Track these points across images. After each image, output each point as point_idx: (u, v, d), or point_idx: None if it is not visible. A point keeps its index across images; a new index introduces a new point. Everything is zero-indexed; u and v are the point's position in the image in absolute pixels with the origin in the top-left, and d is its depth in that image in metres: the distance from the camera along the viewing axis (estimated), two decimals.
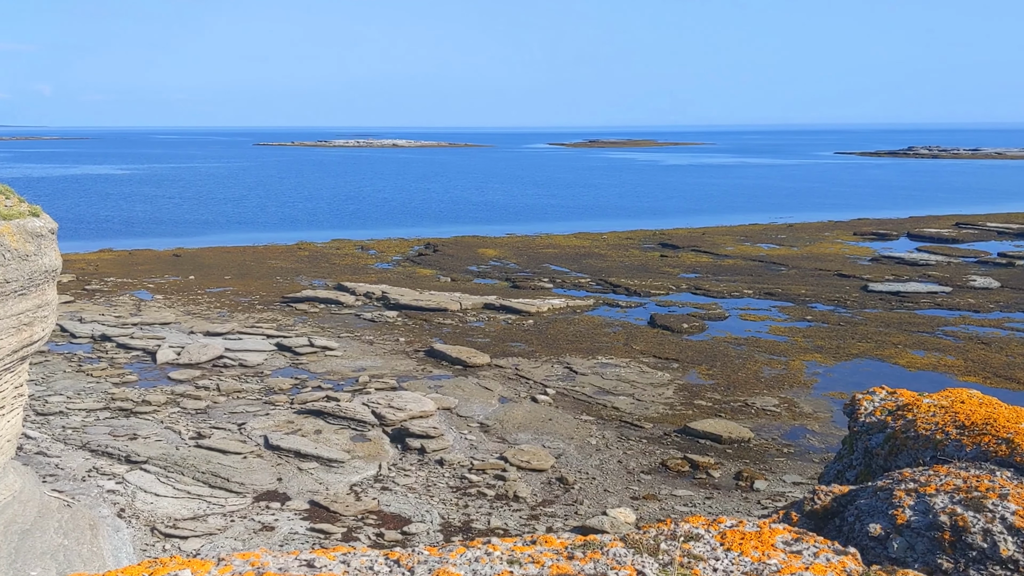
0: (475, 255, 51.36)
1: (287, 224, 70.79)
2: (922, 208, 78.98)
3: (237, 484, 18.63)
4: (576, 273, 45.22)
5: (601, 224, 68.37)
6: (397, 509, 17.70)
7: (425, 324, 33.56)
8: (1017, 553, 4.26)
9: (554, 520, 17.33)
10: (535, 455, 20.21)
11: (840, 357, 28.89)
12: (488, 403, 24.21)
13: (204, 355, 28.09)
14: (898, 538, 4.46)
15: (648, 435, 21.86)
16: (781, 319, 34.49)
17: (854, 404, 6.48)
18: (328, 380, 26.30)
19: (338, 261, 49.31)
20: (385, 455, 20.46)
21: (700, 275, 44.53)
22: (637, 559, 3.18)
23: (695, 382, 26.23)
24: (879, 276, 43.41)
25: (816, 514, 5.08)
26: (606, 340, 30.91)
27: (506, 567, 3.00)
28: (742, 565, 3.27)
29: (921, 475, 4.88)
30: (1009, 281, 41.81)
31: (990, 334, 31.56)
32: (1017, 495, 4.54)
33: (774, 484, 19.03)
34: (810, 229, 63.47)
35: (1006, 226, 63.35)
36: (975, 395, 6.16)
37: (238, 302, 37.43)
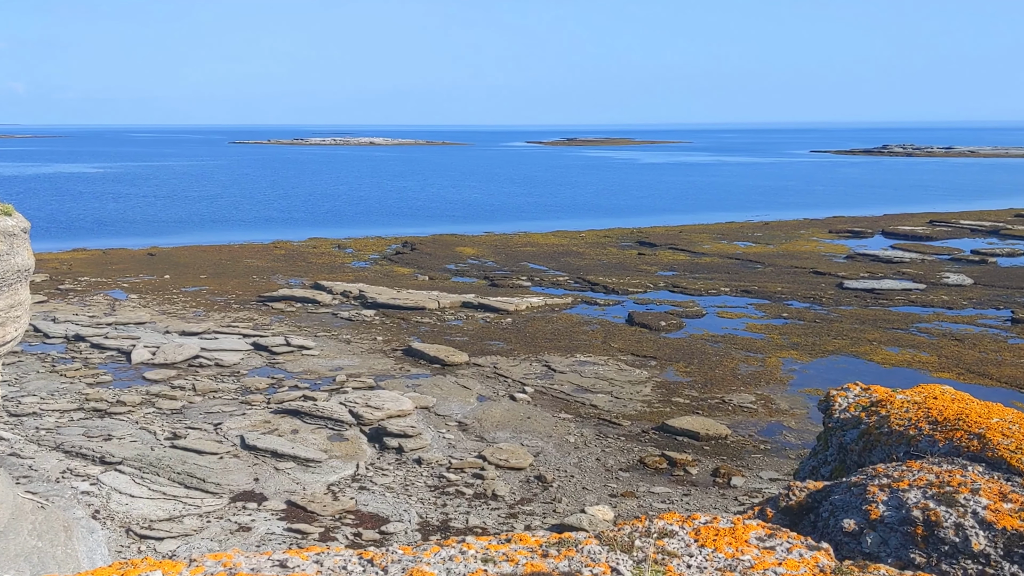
0: (453, 253, 51.29)
1: (263, 223, 70.37)
2: (896, 206, 79.70)
3: (213, 484, 18.50)
4: (554, 271, 45.27)
5: (579, 222, 68.48)
6: (375, 509, 17.64)
7: (403, 323, 33.47)
8: (988, 547, 4.31)
9: (532, 518, 17.33)
10: (513, 453, 20.21)
11: (816, 354, 29.09)
12: (466, 402, 24.19)
13: (179, 355, 27.87)
14: (872, 533, 4.49)
15: (626, 433, 21.92)
16: (758, 316, 34.69)
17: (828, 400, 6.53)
18: (305, 379, 26.17)
19: (315, 260, 49.08)
20: (363, 454, 20.39)
21: (677, 273, 44.70)
22: (611, 556, 3.18)
23: (673, 379, 26.33)
24: (854, 273, 43.75)
25: (791, 510, 5.11)
26: (584, 338, 30.96)
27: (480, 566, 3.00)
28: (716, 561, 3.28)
29: (894, 470, 4.92)
30: (982, 278, 42.27)
31: (963, 331, 31.89)
32: (988, 490, 4.59)
33: (751, 480, 19.13)
34: (786, 227, 63.88)
35: (979, 223, 64.04)
36: (947, 391, 6.22)
37: (214, 301, 37.17)
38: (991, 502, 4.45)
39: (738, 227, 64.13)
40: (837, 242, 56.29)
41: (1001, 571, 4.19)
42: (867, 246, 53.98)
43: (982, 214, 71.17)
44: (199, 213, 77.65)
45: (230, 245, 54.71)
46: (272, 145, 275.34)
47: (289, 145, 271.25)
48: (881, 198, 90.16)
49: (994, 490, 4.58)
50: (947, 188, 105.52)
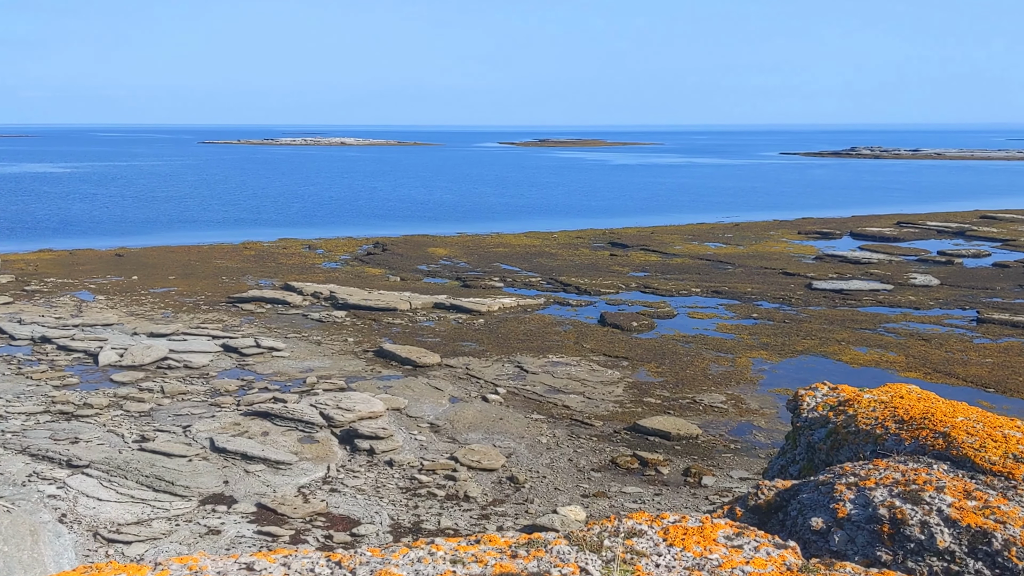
0: (425, 254, 51.18)
1: (233, 223, 69.82)
2: (864, 207, 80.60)
3: (182, 487, 18.32)
4: (527, 272, 45.31)
5: (551, 223, 68.60)
6: (346, 511, 17.56)
7: (374, 324, 33.35)
8: (953, 544, 4.36)
9: (505, 519, 17.33)
10: (486, 454, 20.19)
11: (785, 354, 29.34)
12: (438, 403, 24.14)
13: (148, 357, 27.58)
14: (839, 531, 4.54)
15: (598, 433, 21.98)
16: (728, 317, 34.93)
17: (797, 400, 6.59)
18: (275, 381, 26.00)
19: (285, 260, 48.77)
20: (334, 456, 20.28)
21: (649, 274, 44.91)
22: (580, 556, 3.19)
23: (644, 380, 26.44)
24: (823, 274, 44.18)
25: (760, 509, 5.14)
26: (557, 339, 31.01)
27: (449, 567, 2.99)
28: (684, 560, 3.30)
29: (861, 469, 4.97)
30: (948, 279, 42.84)
31: (930, 330, 32.31)
32: (953, 487, 4.64)
33: (721, 480, 19.25)
34: (756, 228, 64.38)
35: (945, 225, 64.91)
36: (914, 390, 6.30)
37: (183, 302, 36.83)
38: (956, 500, 4.51)
39: (709, 228, 64.55)
40: (806, 243, 56.82)
41: (966, 568, 4.25)
42: (835, 247, 54.54)
43: (948, 215, 72.15)
44: (167, 213, 76.91)
45: (199, 246, 54.23)
46: (242, 145, 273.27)
47: (259, 145, 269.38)
48: (849, 200, 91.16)
49: (959, 488, 4.64)
50: (914, 190, 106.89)
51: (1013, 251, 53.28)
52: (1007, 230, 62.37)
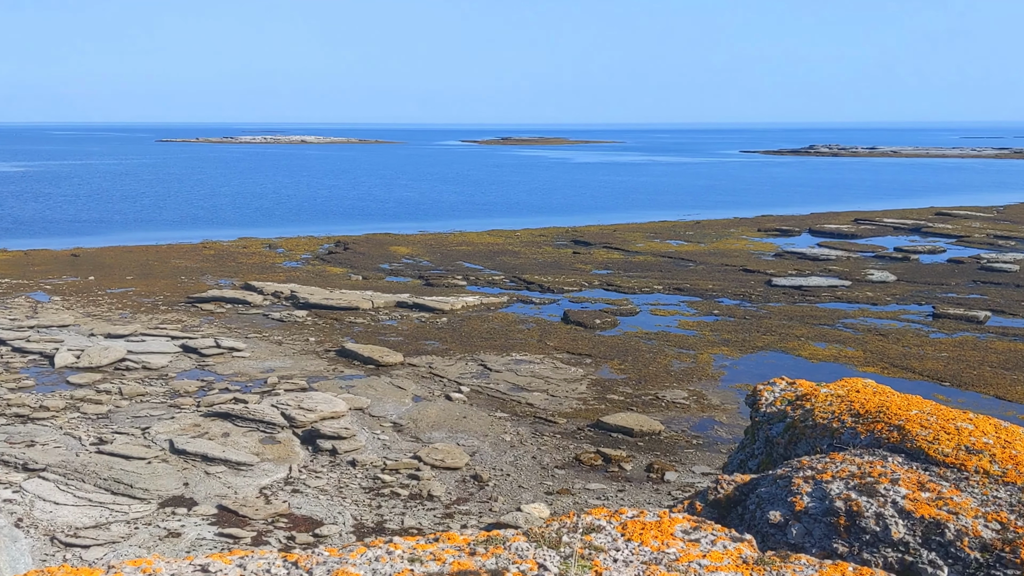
0: (387, 253, 50.95)
1: (191, 222, 68.98)
2: (823, 204, 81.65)
3: (141, 490, 18.07)
4: (490, 270, 45.29)
5: (514, 221, 68.62)
6: (308, 511, 17.43)
7: (336, 323, 33.14)
8: (907, 535, 4.43)
9: (469, 517, 17.31)
10: (449, 453, 20.16)
11: (746, 350, 29.63)
12: (401, 402, 24.05)
13: (105, 358, 27.15)
14: (796, 524, 4.59)
15: (562, 430, 22.04)
16: (690, 314, 35.19)
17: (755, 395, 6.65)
18: (236, 382, 25.73)
19: (245, 260, 48.28)
20: (295, 457, 20.13)
21: (612, 271, 45.11)
22: (539, 552, 3.19)
23: (607, 377, 26.55)
24: (782, 271, 44.68)
25: (719, 503, 5.18)
26: (520, 337, 31.04)
27: (407, 565, 2.98)
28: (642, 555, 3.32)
29: (818, 462, 5.03)
30: (904, 275, 43.55)
31: (887, 326, 32.81)
32: (907, 479, 4.71)
33: (684, 475, 19.40)
34: (716, 226, 64.94)
35: (901, 221, 65.96)
36: (869, 384, 6.39)
37: (141, 303, 36.31)
38: (910, 492, 4.59)
39: (670, 226, 64.99)
40: (766, 240, 57.42)
41: (919, 558, 4.32)
42: (795, 244, 55.18)
43: (904, 212, 73.33)
44: (124, 213, 75.78)
45: (157, 245, 53.49)
46: (200, 143, 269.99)
47: (218, 143, 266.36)
48: (808, 197, 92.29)
49: (913, 480, 4.72)
50: (871, 187, 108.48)
51: (967, 247, 54.29)
52: (961, 226, 63.54)
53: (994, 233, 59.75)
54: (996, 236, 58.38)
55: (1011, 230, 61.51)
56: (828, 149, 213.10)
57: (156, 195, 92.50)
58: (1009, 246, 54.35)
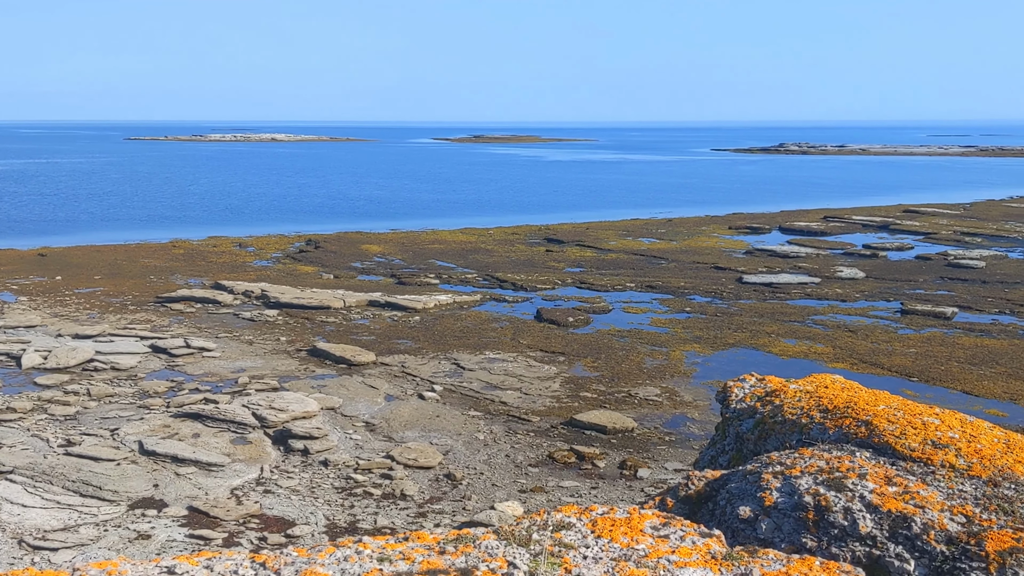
0: (359, 251, 50.74)
1: (160, 221, 68.30)
2: (793, 202, 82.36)
3: (110, 492, 17.88)
4: (462, 269, 45.24)
5: (487, 219, 68.60)
6: (280, 512, 17.33)
7: (307, 322, 32.95)
8: (875, 529, 4.47)
9: (442, 516, 17.29)
10: (422, 452, 20.12)
11: (718, 347, 29.82)
12: (374, 402, 23.97)
13: (73, 359, 26.82)
14: (766, 519, 4.62)
15: (535, 428, 22.07)
16: (662, 311, 35.36)
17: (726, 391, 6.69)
18: (206, 382, 25.52)
19: (215, 259, 47.88)
20: (267, 457, 20.00)
21: (585, 269, 45.22)
22: (509, 550, 3.19)
23: (581, 374, 26.62)
24: (753, 268, 45.01)
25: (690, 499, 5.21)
26: (493, 335, 31.04)
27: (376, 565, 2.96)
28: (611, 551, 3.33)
29: (787, 458, 5.07)
30: (873, 271, 44.02)
31: (856, 322, 33.15)
32: (875, 474, 4.76)
33: (657, 472, 19.50)
34: (688, 224, 65.29)
35: (870, 219, 66.67)
36: (838, 380, 6.44)
37: (109, 303, 35.90)
38: (877, 486, 4.64)
39: (643, 224, 65.25)
40: (737, 238, 57.81)
41: (886, 552, 4.37)
42: (765, 242, 55.61)
43: (873, 210, 74.13)
44: (92, 212, 74.89)
45: (126, 245, 52.92)
46: (170, 141, 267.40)
47: (187, 142, 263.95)
48: (778, 195, 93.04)
49: (880, 474, 4.77)
50: (840, 185, 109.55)
51: (934, 244, 54.99)
52: (929, 223, 64.34)
53: (961, 230, 60.55)
54: (963, 233, 59.17)
55: (977, 227, 62.37)
56: (798, 147, 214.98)
57: (124, 194, 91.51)
58: (975, 243, 55.12)
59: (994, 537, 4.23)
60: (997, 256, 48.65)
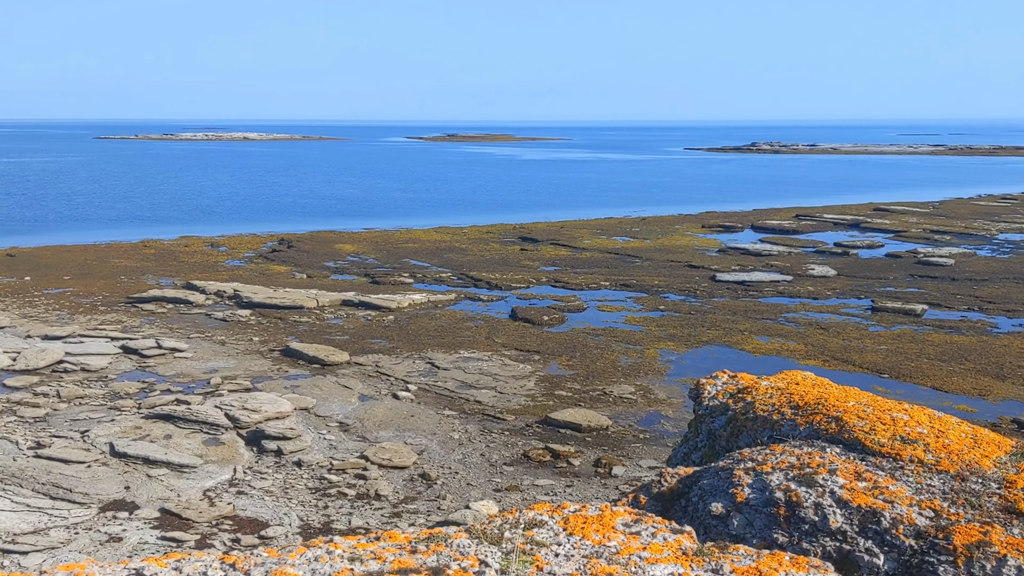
0: (332, 251, 50.51)
1: (131, 221, 67.61)
2: (765, 201, 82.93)
3: (81, 495, 17.68)
4: (437, 268, 45.16)
5: (461, 218, 68.52)
6: (254, 513, 17.21)
7: (280, 322, 32.76)
8: (845, 524, 4.51)
9: (417, 516, 17.26)
10: (397, 452, 20.07)
11: (691, 344, 29.98)
12: (348, 402, 23.87)
13: (42, 360, 26.49)
14: (738, 515, 4.64)
15: (510, 427, 22.07)
16: (636, 309, 35.49)
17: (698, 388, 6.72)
18: (178, 383, 25.30)
19: (187, 259, 47.47)
20: (240, 458, 19.86)
21: (559, 268, 45.29)
22: (481, 549, 3.19)
23: (556, 373, 26.66)
24: (726, 266, 45.27)
25: (663, 496, 5.23)
26: (468, 334, 31.01)
27: (347, 565, 2.95)
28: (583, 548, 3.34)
29: (759, 454, 5.10)
30: (844, 269, 44.43)
31: (828, 319, 33.44)
32: (845, 470, 4.80)
33: (631, 469, 19.57)
34: (662, 222, 65.56)
35: (841, 217, 67.26)
36: (808, 377, 6.49)
37: (79, 303, 35.50)
38: (847, 481, 4.68)
39: (617, 222, 65.44)
40: (710, 236, 58.14)
41: (856, 547, 4.41)
42: (738, 240, 55.95)
43: (844, 208, 74.81)
44: (61, 212, 73.99)
45: (96, 245, 52.32)
46: (140, 140, 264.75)
47: (158, 140, 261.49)
48: (751, 193, 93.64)
49: (850, 470, 4.82)
50: (812, 183, 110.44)
51: (904, 242, 55.61)
52: (899, 221, 65.03)
53: (930, 228, 61.26)
54: (932, 231, 59.87)
55: (946, 225, 63.13)
56: (770, 146, 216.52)
57: (94, 193, 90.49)
58: (945, 240, 55.79)
59: (962, 531, 4.28)
60: (966, 254, 49.27)
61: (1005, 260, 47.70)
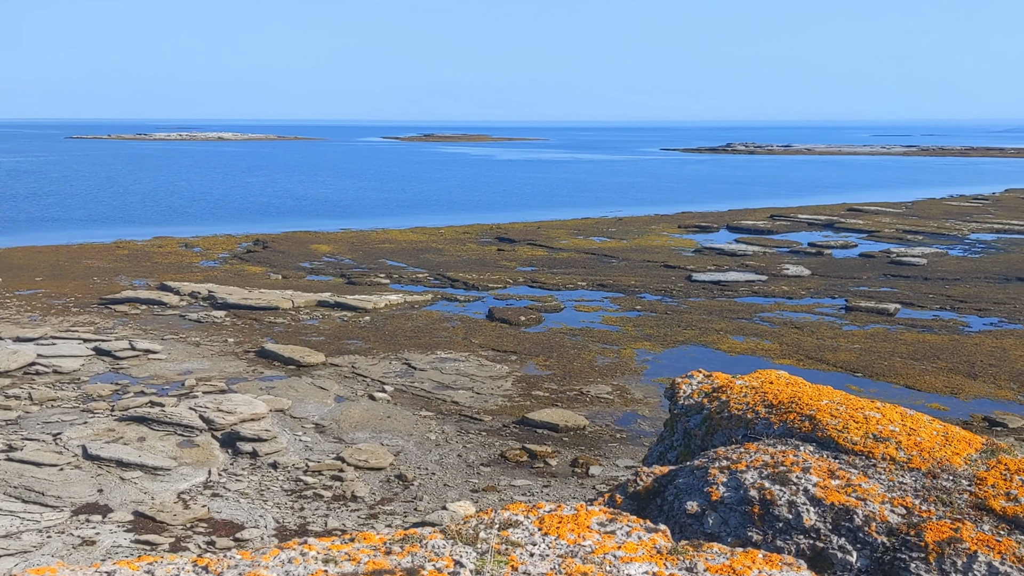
0: (308, 251, 50.27)
1: (104, 222, 66.94)
2: (740, 201, 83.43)
3: (53, 498, 17.48)
4: (413, 268, 45.07)
5: (438, 219, 68.41)
6: (229, 515, 17.09)
7: (255, 323, 32.55)
8: (818, 522, 4.54)
9: (393, 517, 17.21)
10: (373, 453, 20.00)
11: (667, 344, 30.10)
12: (323, 403, 23.76)
13: (13, 362, 26.16)
14: (713, 514, 4.67)
15: (487, 428, 22.06)
16: (613, 309, 35.59)
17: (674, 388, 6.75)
18: (152, 385, 25.08)
19: (161, 259, 47.08)
20: (215, 460, 19.71)
21: (536, 268, 45.33)
22: (456, 549, 3.18)
23: (533, 373, 26.68)
24: (702, 266, 45.50)
25: (639, 495, 5.24)
26: (445, 335, 30.96)
27: (321, 566, 2.94)
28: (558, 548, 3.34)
29: (733, 453, 5.12)
30: (818, 269, 44.79)
31: (802, 319, 33.69)
32: (818, 468, 4.84)
33: (608, 469, 19.62)
34: (638, 222, 65.78)
35: (815, 217, 67.80)
36: (782, 376, 6.54)
37: (51, 305, 35.10)
38: (820, 479, 4.72)
39: (594, 223, 65.59)
40: (686, 236, 58.41)
41: (830, 544, 4.45)
42: (713, 240, 56.25)
43: (818, 208, 75.41)
44: (33, 212, 73.13)
45: (68, 245, 51.75)
46: (113, 140, 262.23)
47: (132, 140, 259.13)
48: (726, 194, 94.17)
49: (823, 468, 4.85)
50: (786, 184, 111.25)
51: (878, 242, 56.14)
52: (872, 222, 65.64)
53: (903, 228, 61.88)
54: (905, 231, 60.48)
55: (919, 225, 63.79)
56: (745, 147, 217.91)
57: (66, 193, 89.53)
58: (917, 240, 56.37)
59: (933, 528, 4.33)
60: (938, 253, 49.81)
61: (976, 260, 48.27)
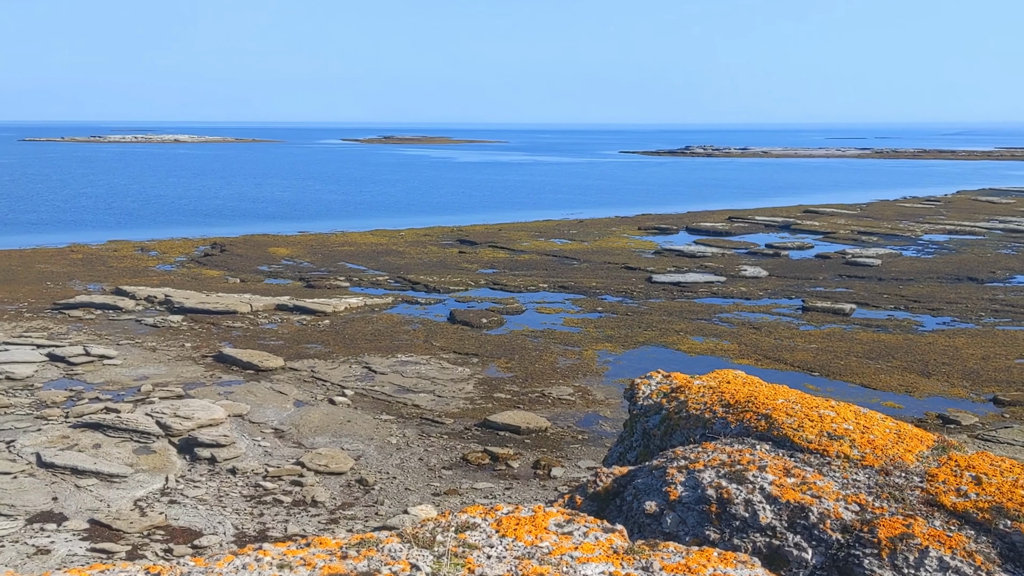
0: (266, 254, 49.81)
1: (57, 225, 65.75)
2: (699, 203, 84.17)
3: (6, 507, 17.13)
4: (374, 271, 44.85)
5: (398, 221, 68.15)
6: (187, 522, 16.87)
7: (213, 328, 32.18)
8: (775, 520, 4.59)
9: (354, 522, 17.10)
10: (333, 458, 19.86)
11: (628, 345, 30.27)
12: (283, 407, 23.55)
13: None
14: (671, 514, 4.70)
15: (449, 431, 22.02)
16: (574, 311, 35.71)
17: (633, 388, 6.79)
18: (107, 391, 24.67)
19: (116, 264, 46.35)
20: (172, 467, 19.45)
21: (498, 271, 45.35)
22: (412, 553, 3.17)
23: (494, 375, 26.67)
24: (662, 268, 45.83)
25: (599, 496, 5.26)
26: (406, 338, 30.85)
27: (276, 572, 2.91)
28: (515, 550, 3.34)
29: (691, 452, 5.16)
30: (776, 270, 45.33)
31: (760, 319, 34.08)
32: (774, 466, 4.89)
33: (570, 470, 19.68)
34: (599, 224, 66.09)
35: (772, 219, 68.63)
36: (739, 375, 6.60)
37: (3, 310, 34.39)
38: (776, 478, 4.77)
39: (554, 225, 65.78)
40: (646, 238, 58.79)
41: (786, 542, 4.50)
42: (673, 242, 56.69)
43: (775, 210, 76.33)
44: None
45: (20, 250, 50.74)
46: (66, 142, 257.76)
47: (85, 143, 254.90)
48: (685, 196, 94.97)
49: (779, 466, 4.91)
50: (743, 186, 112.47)
51: (833, 243, 56.96)
52: (828, 223, 66.59)
53: (858, 229, 62.85)
54: (859, 232, 61.43)
55: (873, 226, 64.83)
56: (703, 150, 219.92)
57: (18, 196, 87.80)
58: (872, 241, 57.29)
59: (886, 524, 4.40)
60: (892, 254, 50.67)
61: (929, 260, 49.19)
